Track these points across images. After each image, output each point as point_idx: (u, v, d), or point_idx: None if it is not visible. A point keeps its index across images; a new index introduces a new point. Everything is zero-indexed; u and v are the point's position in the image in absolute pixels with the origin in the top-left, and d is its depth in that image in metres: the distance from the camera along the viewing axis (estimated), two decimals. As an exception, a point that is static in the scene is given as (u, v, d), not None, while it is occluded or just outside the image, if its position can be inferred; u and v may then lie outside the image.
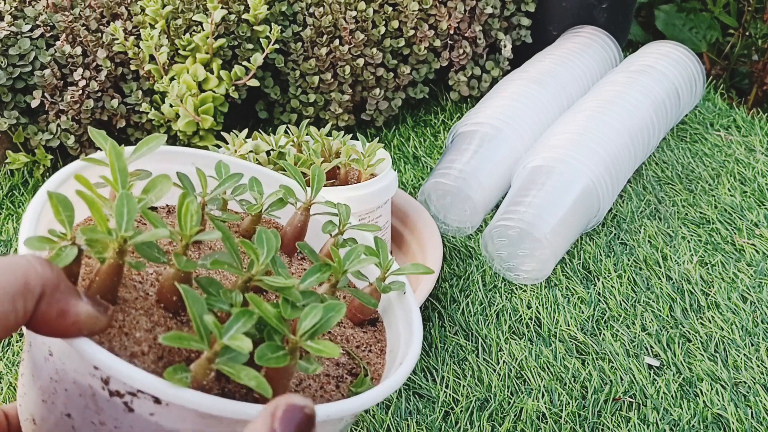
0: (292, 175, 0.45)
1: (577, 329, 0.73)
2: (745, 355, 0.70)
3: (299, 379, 0.37)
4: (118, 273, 0.32)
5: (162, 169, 0.41)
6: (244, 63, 0.95)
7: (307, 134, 0.80)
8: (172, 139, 0.99)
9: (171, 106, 0.92)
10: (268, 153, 0.78)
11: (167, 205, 0.45)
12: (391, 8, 1.00)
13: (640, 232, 0.86)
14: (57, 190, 0.36)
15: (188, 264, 0.33)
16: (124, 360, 0.31)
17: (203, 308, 0.31)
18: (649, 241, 0.84)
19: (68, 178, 0.38)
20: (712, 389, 0.66)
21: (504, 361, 0.69)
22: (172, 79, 0.93)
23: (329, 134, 0.81)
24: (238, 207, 0.45)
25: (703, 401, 0.65)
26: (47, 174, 1.00)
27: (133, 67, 0.95)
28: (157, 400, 0.30)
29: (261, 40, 0.94)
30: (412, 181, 0.97)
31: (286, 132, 0.80)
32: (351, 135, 0.82)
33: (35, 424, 0.35)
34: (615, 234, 0.86)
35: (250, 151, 0.77)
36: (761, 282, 0.78)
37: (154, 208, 0.44)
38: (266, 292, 0.39)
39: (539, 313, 0.75)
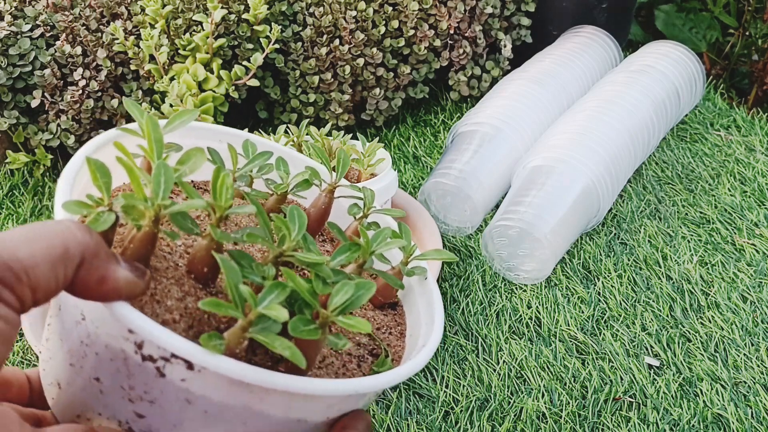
0: (319, 158, 0.45)
1: (577, 329, 0.73)
2: (745, 355, 0.70)
3: (323, 356, 0.37)
4: (153, 241, 0.33)
5: (192, 145, 0.41)
6: (244, 63, 0.95)
7: (307, 134, 0.80)
8: (172, 139, 0.98)
9: (171, 105, 0.92)
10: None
11: (192, 181, 0.45)
12: (391, 8, 1.00)
13: (640, 232, 0.86)
14: (93, 156, 0.36)
15: (224, 235, 0.33)
16: None
17: (239, 278, 0.31)
18: (649, 241, 0.84)
19: (105, 145, 0.38)
20: (712, 389, 0.66)
21: (504, 361, 0.69)
22: (172, 78, 0.93)
23: (329, 134, 0.81)
24: (264, 186, 0.45)
25: (703, 401, 0.65)
26: (47, 174, 1.00)
27: (133, 67, 0.95)
28: (189, 366, 0.30)
29: (261, 39, 0.94)
30: (412, 181, 0.97)
31: (286, 132, 0.80)
32: (351, 135, 0.82)
33: (60, 388, 0.35)
34: (615, 234, 0.86)
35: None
36: (761, 282, 0.78)
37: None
38: (295, 269, 0.39)
39: (539, 313, 0.75)
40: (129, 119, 0.98)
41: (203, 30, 0.92)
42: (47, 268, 0.28)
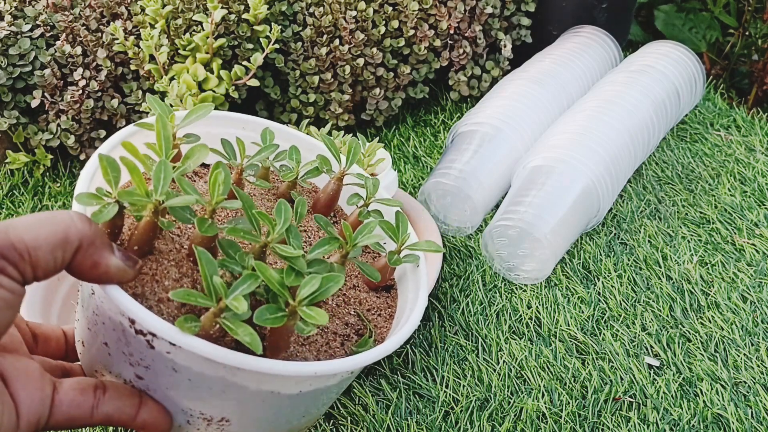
0: (328, 147, 0.49)
1: (577, 329, 0.73)
2: (745, 355, 0.70)
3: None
4: (154, 229, 0.38)
5: (213, 133, 0.46)
6: (244, 63, 0.95)
7: (307, 134, 0.80)
8: (172, 139, 0.98)
9: (171, 106, 0.92)
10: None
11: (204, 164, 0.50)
12: (391, 8, 1.00)
13: (640, 232, 0.86)
14: (110, 153, 0.41)
15: (209, 228, 0.37)
16: (153, 303, 0.36)
17: (214, 269, 0.35)
18: (649, 241, 0.84)
19: (120, 142, 0.42)
20: (712, 389, 0.66)
21: (504, 361, 0.69)
22: (172, 78, 0.93)
23: (329, 134, 0.81)
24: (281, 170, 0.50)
25: (703, 401, 0.65)
26: (47, 174, 1.00)
27: (133, 67, 0.95)
28: (171, 342, 0.35)
29: (261, 39, 0.94)
30: (412, 181, 0.97)
31: (286, 132, 0.80)
32: (351, 135, 0.82)
33: (84, 346, 0.41)
34: (615, 234, 0.86)
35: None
36: (761, 282, 0.78)
37: (205, 165, 0.49)
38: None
39: (539, 313, 0.75)
40: (129, 120, 0.98)
41: (203, 30, 0.92)
42: (47, 251, 0.33)
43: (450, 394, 0.66)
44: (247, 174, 0.46)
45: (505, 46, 1.10)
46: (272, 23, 0.95)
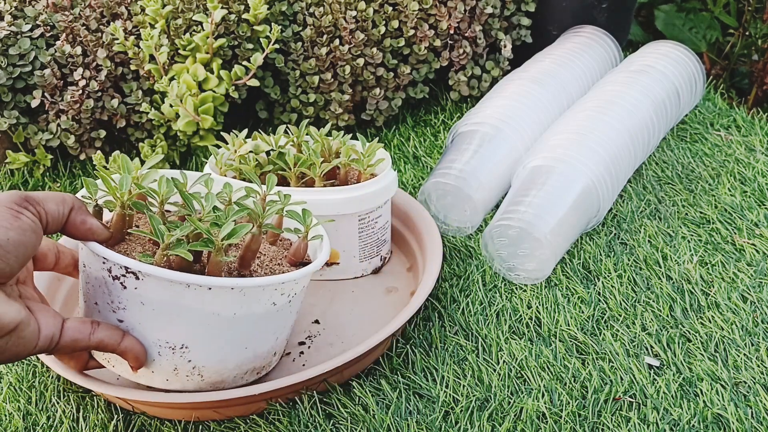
0: (251, 178, 0.66)
1: (577, 329, 0.73)
2: (745, 355, 0.70)
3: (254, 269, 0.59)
4: (124, 219, 0.56)
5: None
6: (244, 63, 0.95)
7: (307, 134, 0.80)
8: (172, 139, 0.99)
9: (171, 106, 0.92)
10: (268, 153, 0.79)
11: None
12: (391, 8, 1.00)
13: (640, 232, 0.86)
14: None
15: (154, 217, 0.54)
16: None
17: (158, 222, 0.53)
18: (649, 241, 0.84)
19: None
20: (712, 389, 0.66)
21: (504, 361, 0.69)
22: (172, 78, 0.93)
23: (329, 134, 0.81)
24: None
25: (703, 401, 0.65)
26: (47, 174, 1.00)
27: (133, 67, 0.95)
28: (136, 277, 0.52)
29: (261, 39, 0.94)
30: (412, 181, 0.97)
31: (286, 132, 0.80)
32: (351, 135, 0.82)
33: (82, 308, 0.58)
34: (615, 234, 0.86)
35: (250, 152, 0.77)
36: (761, 282, 0.78)
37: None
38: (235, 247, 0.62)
39: (539, 313, 0.75)
40: (128, 120, 0.98)
41: (203, 30, 0.92)
42: (53, 204, 0.51)
43: (450, 394, 0.66)
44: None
45: (505, 46, 1.10)
46: (272, 23, 0.95)
